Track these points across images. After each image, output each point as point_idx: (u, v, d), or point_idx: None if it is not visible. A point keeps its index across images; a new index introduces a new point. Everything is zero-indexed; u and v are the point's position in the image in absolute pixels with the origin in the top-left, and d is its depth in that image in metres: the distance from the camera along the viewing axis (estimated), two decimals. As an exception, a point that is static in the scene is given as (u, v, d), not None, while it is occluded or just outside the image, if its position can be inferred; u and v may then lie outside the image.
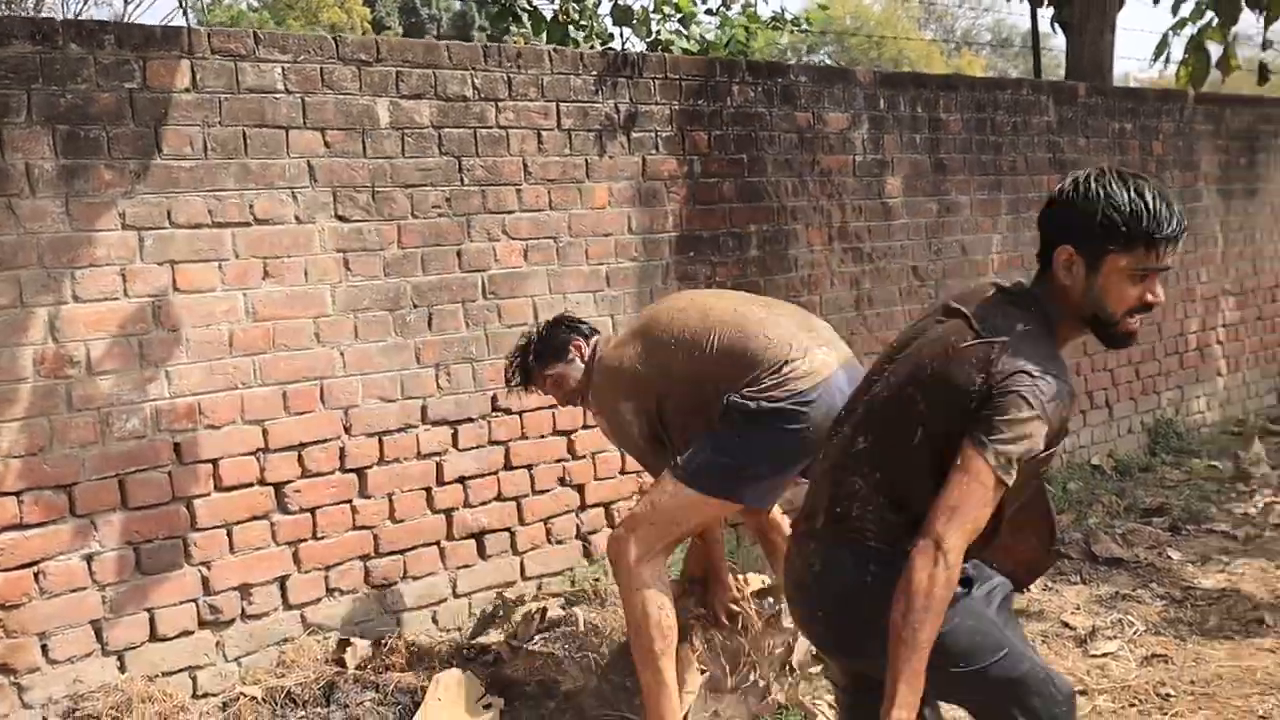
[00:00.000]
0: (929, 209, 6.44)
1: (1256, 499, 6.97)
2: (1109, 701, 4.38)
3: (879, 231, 6.19)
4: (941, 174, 6.52)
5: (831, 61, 40.69)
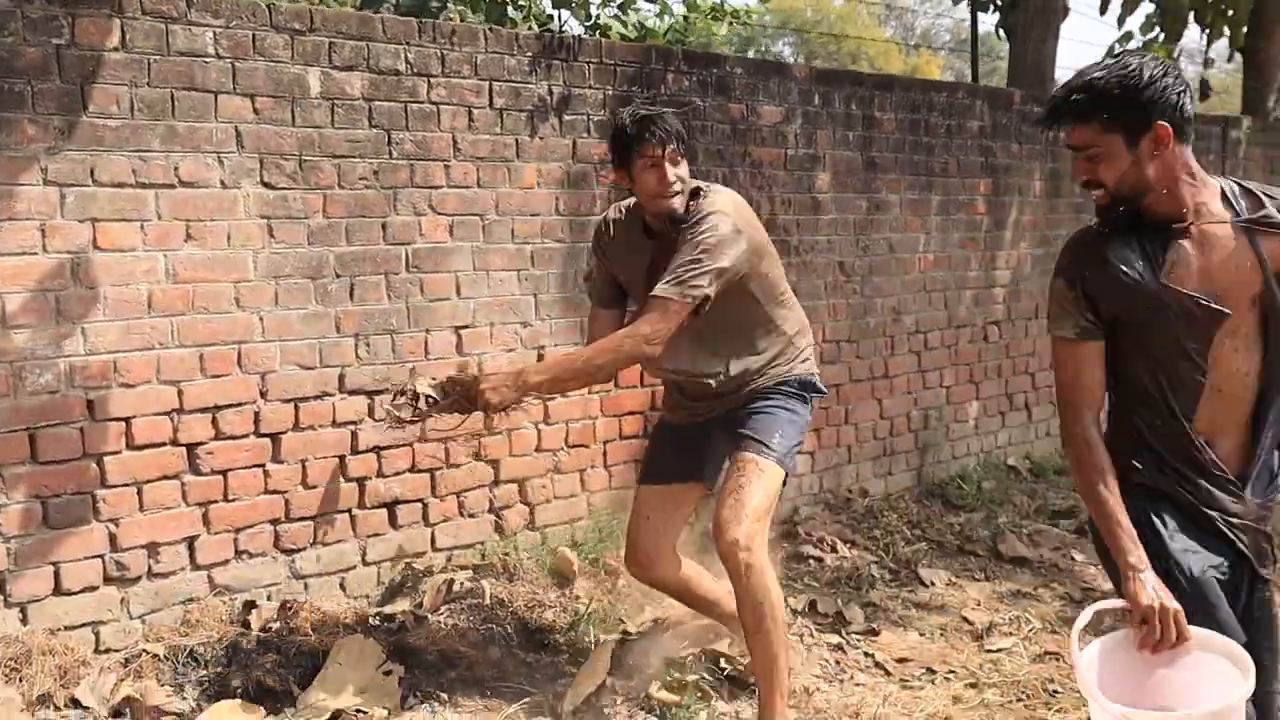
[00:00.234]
0: (858, 206, 6.52)
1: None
2: (997, 695, 4.49)
3: (807, 225, 6.26)
4: (873, 172, 6.60)
5: (791, 55, 40.86)
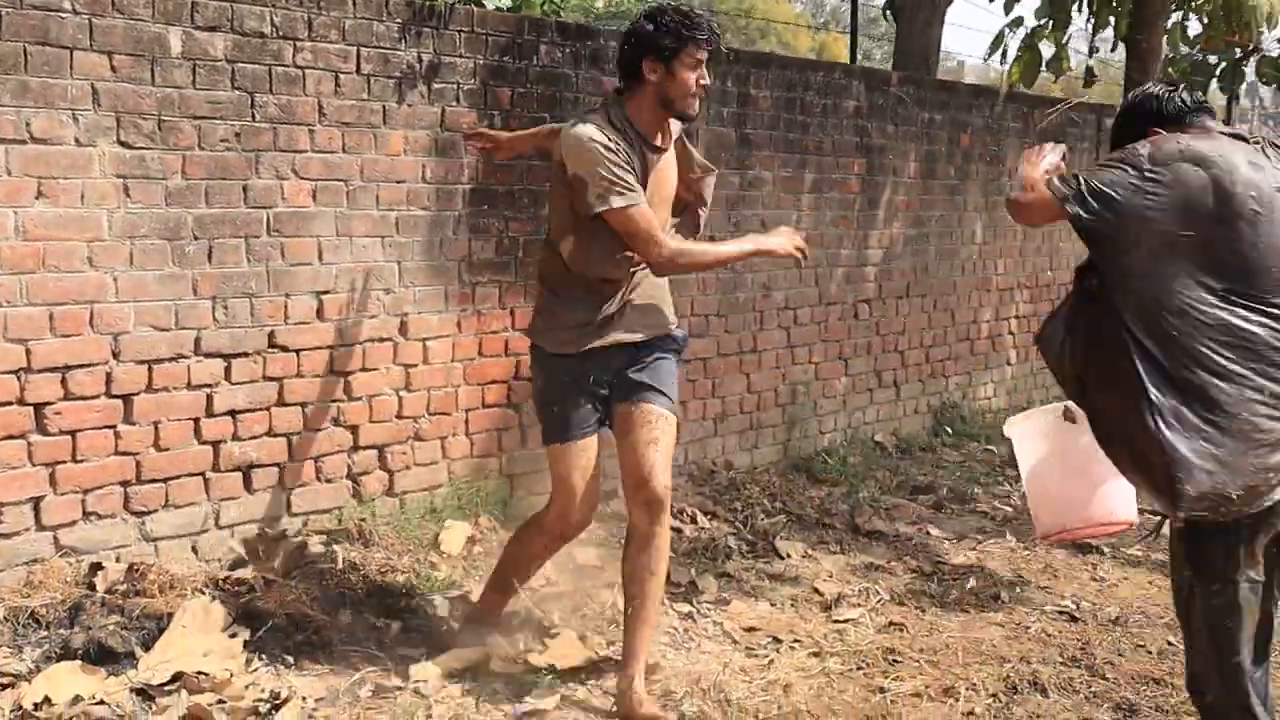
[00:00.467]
0: (731, 181, 6.59)
1: (1020, 483, 7.31)
2: (839, 664, 4.61)
3: (679, 200, 6.31)
4: (747, 148, 6.68)
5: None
